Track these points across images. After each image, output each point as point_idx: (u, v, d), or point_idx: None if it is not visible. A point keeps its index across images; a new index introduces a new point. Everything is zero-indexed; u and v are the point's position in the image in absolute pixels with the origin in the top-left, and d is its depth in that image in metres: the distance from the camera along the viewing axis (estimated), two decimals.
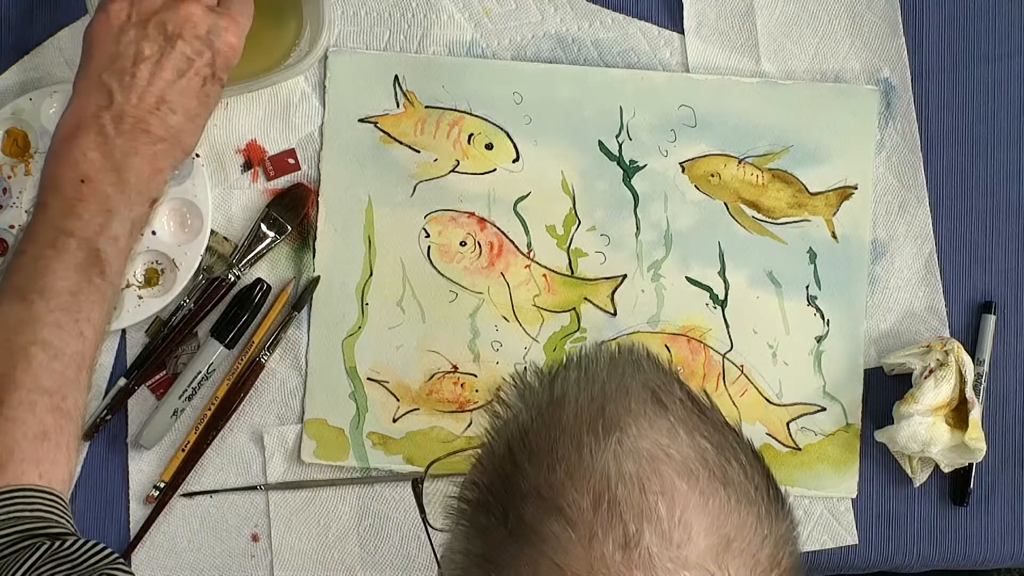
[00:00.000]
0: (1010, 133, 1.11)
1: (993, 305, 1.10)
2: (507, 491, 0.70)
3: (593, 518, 0.66)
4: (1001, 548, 1.11)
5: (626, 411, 0.70)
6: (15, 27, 1.08)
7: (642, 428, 0.69)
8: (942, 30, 1.11)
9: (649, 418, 0.70)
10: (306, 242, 1.09)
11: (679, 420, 0.71)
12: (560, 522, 0.66)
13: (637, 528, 0.66)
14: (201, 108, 0.95)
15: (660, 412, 0.71)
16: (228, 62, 0.96)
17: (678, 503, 0.67)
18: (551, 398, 0.72)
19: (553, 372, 0.74)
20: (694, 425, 0.71)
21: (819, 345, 1.10)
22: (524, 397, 0.74)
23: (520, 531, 0.68)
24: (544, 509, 0.67)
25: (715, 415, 0.73)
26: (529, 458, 0.69)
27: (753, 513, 0.69)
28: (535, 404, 0.73)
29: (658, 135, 1.10)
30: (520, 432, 0.71)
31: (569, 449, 0.69)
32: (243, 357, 1.07)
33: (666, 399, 0.71)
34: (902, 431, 1.05)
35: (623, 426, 0.69)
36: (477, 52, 1.10)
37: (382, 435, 1.08)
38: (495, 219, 1.09)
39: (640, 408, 0.70)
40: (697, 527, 0.66)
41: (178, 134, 0.95)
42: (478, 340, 1.09)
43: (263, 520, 1.08)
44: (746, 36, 1.11)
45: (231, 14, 0.96)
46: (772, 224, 1.10)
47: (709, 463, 0.69)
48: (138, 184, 0.93)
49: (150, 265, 1.07)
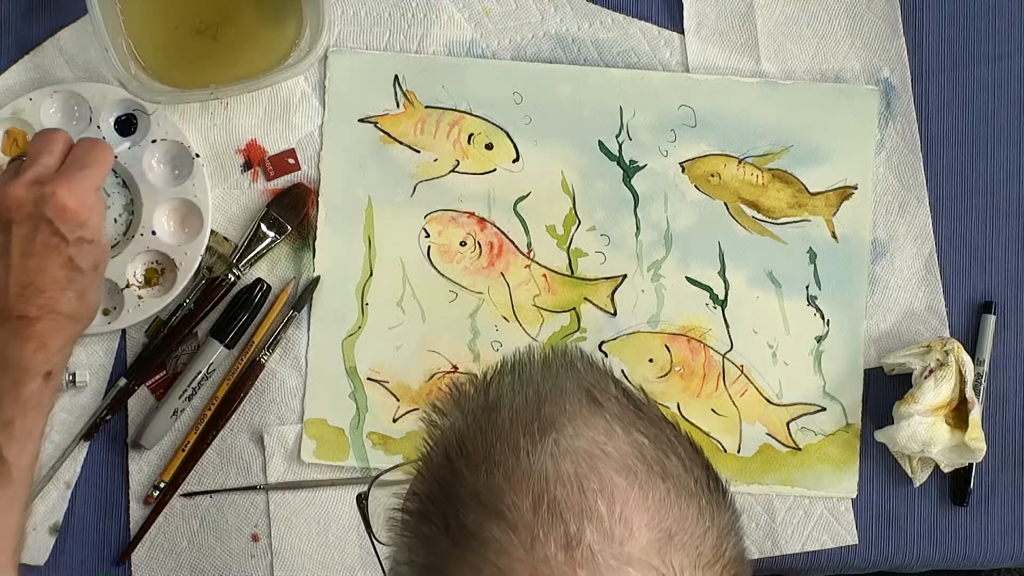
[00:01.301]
0: (1010, 133, 1.12)
1: (993, 305, 1.10)
2: (447, 498, 0.70)
3: (533, 520, 0.66)
4: (1001, 548, 1.11)
5: (561, 411, 0.70)
6: (15, 27, 1.08)
7: (578, 427, 0.69)
8: (942, 30, 1.11)
9: (584, 417, 0.70)
10: (306, 242, 1.09)
11: (615, 417, 0.71)
12: (501, 526, 0.66)
13: (578, 527, 0.66)
14: (74, 273, 0.92)
15: (595, 411, 0.71)
16: (75, 222, 0.91)
17: (617, 500, 0.67)
18: (486, 403, 0.72)
19: (488, 378, 0.74)
20: (630, 421, 0.71)
21: (819, 345, 1.10)
22: (460, 404, 0.74)
23: (462, 538, 0.68)
24: (484, 514, 0.67)
25: (652, 411, 0.73)
26: (467, 464, 0.70)
27: (694, 505, 0.69)
28: (471, 410, 0.73)
29: (658, 135, 1.10)
30: (457, 439, 0.71)
31: (506, 452, 0.69)
32: (243, 357, 1.07)
33: (601, 397, 0.72)
34: (902, 431, 1.05)
35: (559, 426, 0.69)
36: (477, 52, 1.10)
37: (382, 435, 1.08)
38: (495, 219, 1.09)
39: (575, 408, 0.71)
40: (638, 522, 0.67)
41: (56, 308, 0.91)
42: (478, 340, 1.09)
43: (263, 520, 1.08)
44: (746, 36, 1.11)
45: (63, 175, 0.92)
46: (772, 224, 1.10)
47: (647, 458, 0.69)
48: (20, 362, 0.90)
49: (150, 265, 1.07)
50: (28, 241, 0.91)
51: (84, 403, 1.07)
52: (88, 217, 0.92)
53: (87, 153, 0.95)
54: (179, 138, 1.06)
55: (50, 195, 0.91)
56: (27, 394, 0.90)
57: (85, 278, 0.93)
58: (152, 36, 1.07)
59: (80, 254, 0.92)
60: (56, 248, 0.91)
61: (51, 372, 0.92)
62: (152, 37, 1.07)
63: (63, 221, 0.91)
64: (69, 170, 0.93)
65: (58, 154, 0.94)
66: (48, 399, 0.92)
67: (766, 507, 1.09)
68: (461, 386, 0.75)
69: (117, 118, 1.07)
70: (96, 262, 0.94)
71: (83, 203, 0.92)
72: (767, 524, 1.09)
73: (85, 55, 1.07)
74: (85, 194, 0.92)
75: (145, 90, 1.04)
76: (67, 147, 0.95)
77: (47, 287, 0.91)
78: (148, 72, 1.06)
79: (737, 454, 1.09)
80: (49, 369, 0.91)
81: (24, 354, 0.90)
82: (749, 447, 1.09)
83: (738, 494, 1.08)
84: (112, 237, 1.07)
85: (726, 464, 1.09)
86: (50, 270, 0.91)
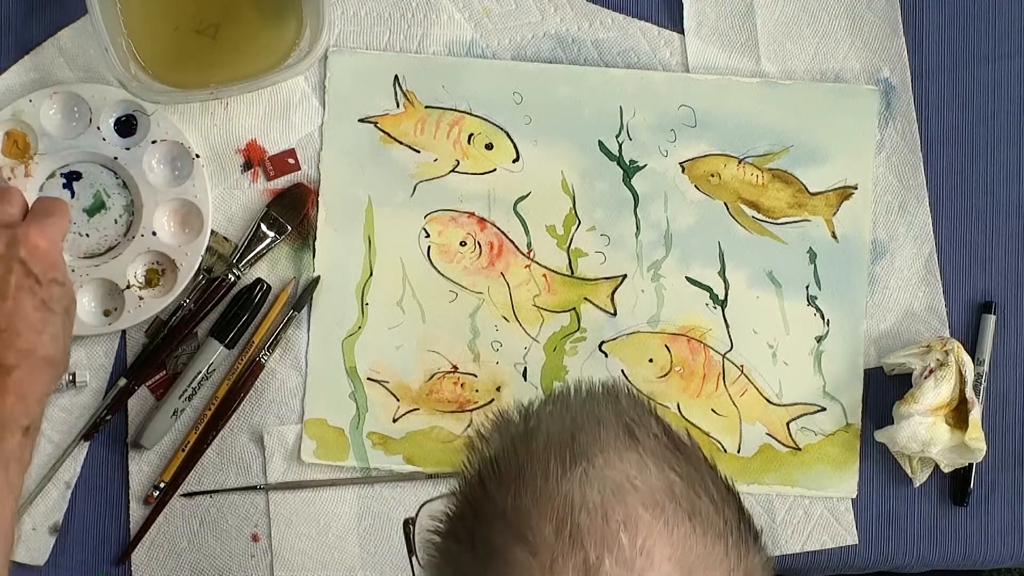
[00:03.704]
0: (1010, 133, 1.12)
1: (993, 305, 1.10)
2: (476, 517, 0.71)
3: (555, 544, 0.67)
4: (1001, 548, 1.11)
5: (595, 441, 0.71)
6: (15, 27, 1.08)
7: (610, 459, 0.70)
8: (942, 30, 1.11)
9: (618, 450, 0.71)
10: (306, 242, 1.09)
11: (649, 452, 0.71)
12: (523, 548, 0.67)
13: (598, 556, 0.66)
14: (49, 316, 0.89)
15: (631, 445, 0.71)
16: (47, 262, 0.90)
17: (640, 532, 0.67)
18: (525, 428, 0.73)
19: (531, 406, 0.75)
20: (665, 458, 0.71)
21: (819, 345, 1.10)
22: (501, 430, 0.75)
23: (487, 556, 0.68)
24: (509, 534, 0.68)
25: (692, 451, 0.73)
26: (498, 484, 0.70)
27: (720, 545, 0.69)
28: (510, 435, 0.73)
29: (658, 135, 1.10)
30: (492, 459, 0.72)
31: (536, 475, 0.69)
32: (243, 357, 1.07)
33: (639, 433, 0.72)
34: (902, 431, 1.05)
35: (591, 456, 0.70)
36: (477, 52, 1.10)
37: (382, 435, 1.08)
38: (495, 219, 1.09)
39: (610, 440, 0.71)
40: (659, 556, 0.67)
41: (33, 352, 0.88)
42: (478, 340, 1.09)
43: (263, 520, 1.08)
44: (746, 36, 1.11)
45: (32, 219, 0.91)
46: (772, 224, 1.10)
47: (676, 495, 0.69)
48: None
49: (150, 266, 1.07)
50: (3, 283, 0.88)
51: (84, 403, 1.07)
52: (58, 260, 0.91)
53: (52, 204, 0.94)
54: (179, 138, 1.06)
55: (23, 236, 0.89)
56: (7, 450, 0.86)
57: (58, 321, 0.90)
58: (152, 36, 1.07)
59: (53, 296, 0.90)
60: (31, 289, 0.89)
61: (29, 427, 0.88)
62: (152, 37, 1.07)
63: (35, 261, 0.89)
64: (37, 216, 0.92)
65: (18, 205, 0.92)
66: (27, 455, 0.88)
67: (766, 507, 1.09)
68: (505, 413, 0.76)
69: (117, 119, 1.07)
70: (67, 305, 0.92)
71: (55, 246, 0.91)
72: (767, 524, 1.09)
73: (85, 55, 1.07)
74: (56, 239, 0.91)
75: (145, 90, 1.04)
76: (25, 201, 0.94)
77: (23, 330, 0.88)
78: (148, 72, 1.06)
79: (737, 454, 1.09)
80: (27, 424, 0.87)
81: (4, 407, 0.87)
82: (749, 447, 1.09)
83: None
84: (113, 238, 1.07)
85: (726, 464, 1.09)
86: (26, 312, 0.88)
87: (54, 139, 1.06)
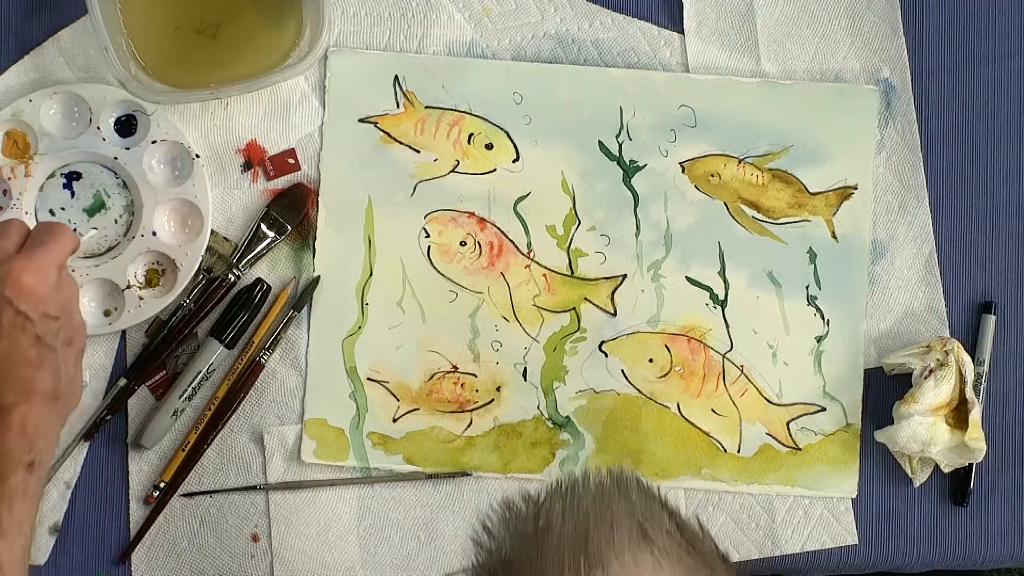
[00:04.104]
0: (1010, 133, 1.12)
1: (993, 305, 1.10)
2: None
3: None
4: (1001, 548, 1.11)
5: (609, 544, 0.70)
6: (15, 27, 1.08)
7: (625, 563, 0.70)
8: (942, 30, 1.11)
9: (633, 552, 0.70)
10: (306, 242, 1.09)
11: (663, 553, 0.71)
12: None
13: None
14: (45, 351, 0.89)
15: (645, 546, 0.71)
16: (35, 298, 0.88)
17: None
18: (536, 528, 0.72)
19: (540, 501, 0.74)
20: (679, 557, 0.71)
21: (819, 345, 1.10)
22: (509, 526, 0.74)
23: None
24: None
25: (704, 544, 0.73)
26: None
27: None
28: (519, 534, 0.73)
29: (658, 135, 1.10)
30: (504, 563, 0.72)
31: None
32: (243, 357, 1.07)
33: (652, 531, 0.72)
34: (902, 431, 1.05)
35: (605, 561, 0.69)
36: (477, 52, 1.10)
37: (382, 435, 1.08)
38: (495, 219, 1.09)
39: (624, 542, 0.71)
40: None
41: (31, 389, 0.88)
42: (478, 340, 1.09)
43: (263, 520, 1.08)
44: (746, 36, 1.11)
45: (21, 253, 0.90)
46: (772, 224, 1.10)
47: None
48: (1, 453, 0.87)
49: (150, 266, 1.07)
50: None
51: (84, 403, 1.07)
52: (49, 294, 0.89)
53: (45, 232, 0.92)
54: (179, 138, 1.06)
55: (6, 274, 0.88)
56: (11, 486, 0.86)
57: (58, 355, 0.90)
58: (152, 36, 1.07)
59: (48, 331, 0.89)
60: (22, 327, 0.88)
61: (34, 463, 0.88)
62: (152, 37, 1.07)
63: (22, 299, 0.88)
64: (28, 249, 0.90)
65: (15, 237, 0.91)
66: (35, 490, 0.88)
67: (766, 507, 1.09)
68: (512, 506, 0.75)
69: (117, 119, 1.07)
70: (68, 338, 0.91)
71: (43, 280, 0.89)
72: (767, 524, 1.09)
73: (85, 55, 1.07)
74: (44, 271, 0.89)
75: (145, 90, 1.04)
76: (24, 231, 0.92)
77: (19, 367, 0.88)
78: (148, 72, 1.06)
79: (737, 454, 1.09)
80: (32, 459, 0.87)
81: (5, 444, 0.86)
82: (749, 447, 1.09)
83: (738, 494, 1.09)
84: (113, 238, 1.07)
85: (726, 464, 1.09)
86: (20, 350, 0.88)
87: (54, 139, 1.06)
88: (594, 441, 1.09)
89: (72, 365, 0.92)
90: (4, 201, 1.06)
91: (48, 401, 0.89)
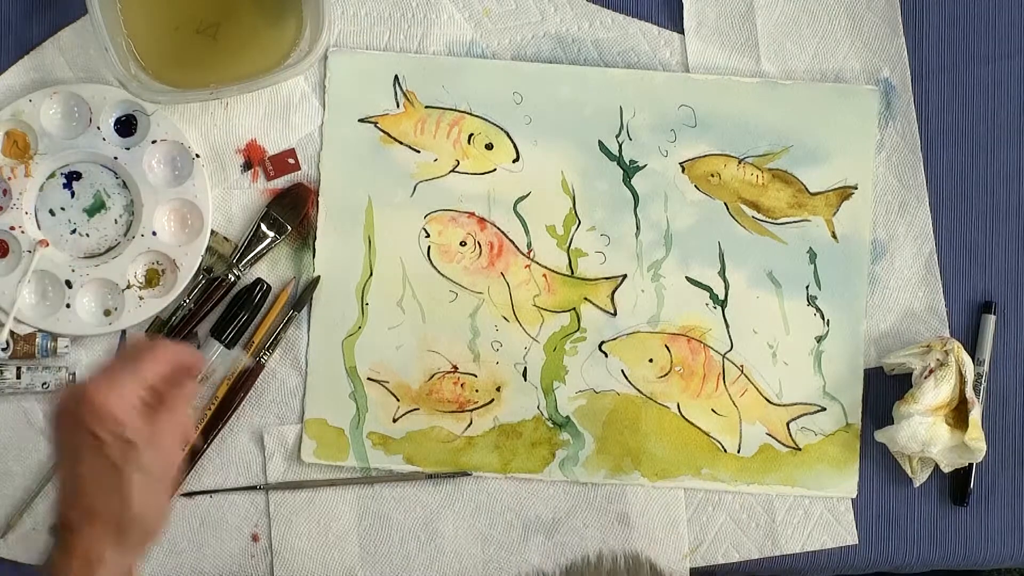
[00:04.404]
0: (1010, 133, 1.12)
1: (993, 305, 1.10)
2: None
3: None
4: (1001, 548, 1.11)
5: None
6: (15, 27, 1.08)
7: None
8: (942, 30, 1.11)
9: None
10: (306, 242, 1.09)
11: None
12: None
13: None
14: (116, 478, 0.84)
15: None
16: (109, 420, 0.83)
17: None
18: None
19: None
20: None
21: (819, 345, 1.10)
22: None
23: None
24: None
25: None
26: None
27: None
28: None
29: (658, 135, 1.10)
30: None
31: None
32: (243, 357, 1.07)
33: None
34: (902, 431, 1.05)
35: None
36: (477, 52, 1.10)
37: (382, 435, 1.08)
38: (495, 219, 1.09)
39: None
40: None
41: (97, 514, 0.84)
42: (478, 340, 1.09)
43: (263, 520, 1.08)
44: (746, 36, 1.11)
45: (103, 372, 0.86)
46: (772, 224, 1.10)
47: None
48: None
49: (151, 266, 1.07)
50: (71, 446, 0.84)
51: None
52: (125, 416, 0.84)
53: (136, 349, 0.88)
54: (179, 138, 1.06)
55: (81, 394, 0.84)
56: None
57: (133, 483, 0.84)
58: (152, 36, 1.07)
59: (124, 456, 0.84)
60: (96, 450, 0.83)
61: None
62: (152, 37, 1.07)
63: (95, 421, 0.83)
64: (110, 367, 0.87)
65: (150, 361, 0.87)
66: None
67: (766, 507, 1.09)
68: None
69: (117, 119, 1.07)
70: (144, 465, 0.84)
71: (120, 402, 0.84)
72: (767, 524, 1.09)
73: (85, 55, 1.07)
74: (121, 391, 0.84)
75: (145, 90, 1.04)
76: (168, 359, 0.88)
77: (87, 491, 0.84)
78: (148, 72, 1.06)
79: (737, 454, 1.09)
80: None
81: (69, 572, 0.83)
82: (749, 447, 1.09)
83: (738, 494, 1.09)
84: (113, 238, 1.07)
85: (726, 464, 1.09)
86: (91, 474, 0.84)
87: (54, 139, 1.06)
88: (594, 441, 1.09)
89: (150, 495, 0.86)
90: (4, 201, 1.06)
91: (114, 532, 0.84)
